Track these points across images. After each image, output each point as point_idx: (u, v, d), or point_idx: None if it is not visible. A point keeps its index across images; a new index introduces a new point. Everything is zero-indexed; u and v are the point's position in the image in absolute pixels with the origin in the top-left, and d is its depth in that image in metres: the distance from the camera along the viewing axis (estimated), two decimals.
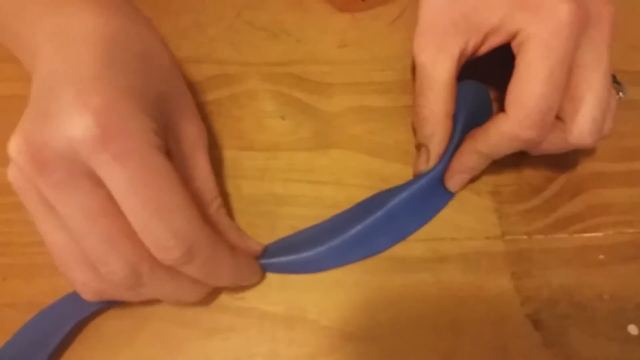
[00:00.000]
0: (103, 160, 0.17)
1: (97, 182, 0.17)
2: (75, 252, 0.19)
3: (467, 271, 0.24)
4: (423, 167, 0.24)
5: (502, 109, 0.22)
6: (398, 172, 0.26)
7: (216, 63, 0.29)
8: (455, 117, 0.25)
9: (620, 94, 0.26)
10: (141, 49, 0.20)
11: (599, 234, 0.25)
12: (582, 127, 0.22)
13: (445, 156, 0.24)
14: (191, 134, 0.22)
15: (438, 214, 0.25)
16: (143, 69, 0.19)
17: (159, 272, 0.19)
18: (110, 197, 0.18)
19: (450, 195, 0.25)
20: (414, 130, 0.26)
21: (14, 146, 0.17)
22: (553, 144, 0.23)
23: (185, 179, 0.20)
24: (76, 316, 0.22)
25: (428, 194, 0.24)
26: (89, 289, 0.20)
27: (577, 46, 0.21)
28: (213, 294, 0.23)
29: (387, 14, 0.31)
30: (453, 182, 0.25)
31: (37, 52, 0.19)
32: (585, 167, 0.26)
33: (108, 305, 0.22)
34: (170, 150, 0.21)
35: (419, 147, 0.25)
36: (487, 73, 0.26)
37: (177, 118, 0.21)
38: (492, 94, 0.27)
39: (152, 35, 0.21)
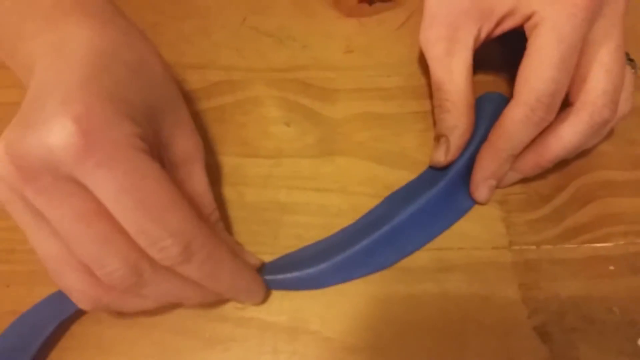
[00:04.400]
0: (87, 168, 0.16)
1: (85, 186, 0.17)
2: (68, 259, 0.19)
3: (473, 282, 0.23)
4: (442, 158, 0.24)
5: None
6: (403, 180, 0.26)
7: (221, 69, 0.29)
8: (475, 129, 0.24)
9: (634, 70, 0.25)
10: (132, 60, 0.20)
11: (609, 244, 0.24)
12: (594, 99, 0.22)
13: (455, 168, 0.24)
14: (186, 147, 0.22)
15: None
16: (133, 79, 0.19)
17: (161, 269, 0.19)
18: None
19: (460, 213, 0.25)
20: (434, 123, 0.26)
21: None
22: (576, 129, 0.22)
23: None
24: (57, 318, 0.22)
25: (437, 209, 0.24)
26: (86, 296, 0.20)
27: (591, 27, 0.21)
28: (215, 304, 0.23)
29: (394, 19, 0.31)
30: (479, 192, 0.24)
31: (33, 68, 0.19)
32: (596, 176, 0.26)
33: None
34: (165, 163, 0.21)
35: (438, 138, 0.25)
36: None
37: (171, 130, 0.21)
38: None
39: (145, 46, 0.21)
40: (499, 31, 0.24)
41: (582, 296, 0.23)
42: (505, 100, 0.26)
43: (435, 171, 0.25)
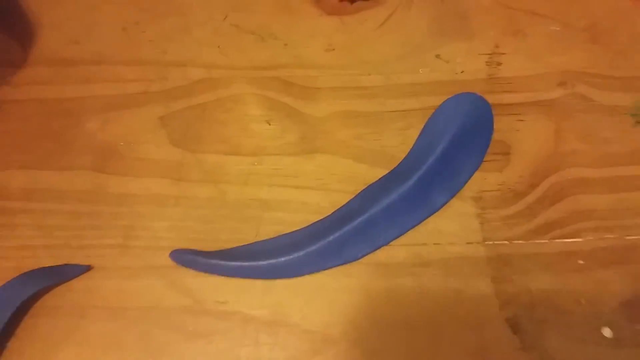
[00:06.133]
0: None
1: None
2: None
3: (448, 276, 0.24)
4: None
5: None
6: None
7: (202, 67, 0.29)
8: (443, 128, 0.25)
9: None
10: None
11: (579, 240, 0.25)
12: None
13: (427, 165, 0.24)
14: None
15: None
16: None
17: None
18: None
19: (432, 209, 0.25)
20: None
21: None
22: None
23: None
24: (18, 300, 0.23)
25: (409, 204, 0.25)
26: None
27: None
28: (197, 299, 0.23)
29: (375, 17, 0.31)
30: None
31: None
32: (568, 173, 0.27)
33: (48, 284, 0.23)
34: None
35: None
36: None
37: None
38: None
39: None
40: None
41: (552, 289, 0.24)
42: (481, 100, 0.27)
43: (409, 166, 0.25)
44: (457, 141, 0.26)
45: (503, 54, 0.30)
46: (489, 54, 0.30)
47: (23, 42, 0.31)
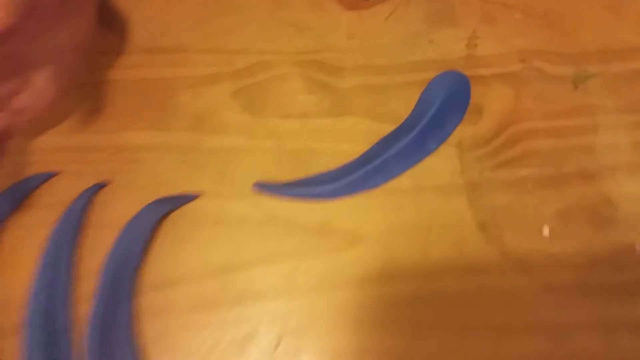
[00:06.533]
0: None
1: None
2: None
3: (437, 196, 0.35)
4: None
5: None
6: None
7: (256, 53, 0.40)
8: (435, 95, 0.36)
9: None
10: None
11: (529, 170, 0.36)
12: None
13: (424, 122, 0.35)
14: None
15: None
16: None
17: None
18: None
19: (427, 152, 0.36)
20: None
21: None
22: None
23: None
24: (153, 221, 0.34)
25: (411, 150, 0.36)
26: None
27: None
28: (275, 214, 0.35)
29: (383, 11, 0.41)
30: None
31: None
32: (523, 125, 0.37)
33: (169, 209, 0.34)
34: None
35: None
36: None
37: None
38: None
39: None
40: None
41: (509, 204, 0.35)
42: (462, 75, 0.37)
43: (411, 123, 0.36)
44: (445, 105, 0.36)
45: (479, 37, 0.39)
46: (468, 38, 0.39)
47: (119, 35, 0.41)
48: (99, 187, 0.35)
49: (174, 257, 0.34)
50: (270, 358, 0.32)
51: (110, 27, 0.41)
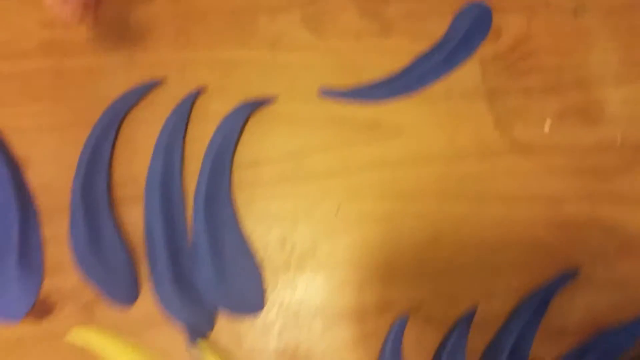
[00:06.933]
0: None
1: None
2: None
3: (463, 100, 0.45)
4: None
5: None
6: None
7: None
8: (463, 21, 0.45)
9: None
10: None
11: (536, 79, 0.46)
12: None
13: (454, 41, 0.45)
14: None
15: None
16: None
17: None
18: None
19: (455, 64, 0.46)
20: None
21: None
22: None
23: None
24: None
25: (443, 63, 0.45)
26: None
27: None
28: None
29: None
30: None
31: None
32: (532, 44, 0.46)
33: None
34: None
35: None
36: None
37: None
38: None
39: None
40: None
41: (519, 105, 0.45)
42: (486, 8, 0.46)
43: (444, 43, 0.46)
44: (470, 30, 0.45)
45: None
46: None
47: None
48: (199, 91, 0.45)
49: (258, 144, 0.45)
50: (333, 220, 0.43)
51: None
